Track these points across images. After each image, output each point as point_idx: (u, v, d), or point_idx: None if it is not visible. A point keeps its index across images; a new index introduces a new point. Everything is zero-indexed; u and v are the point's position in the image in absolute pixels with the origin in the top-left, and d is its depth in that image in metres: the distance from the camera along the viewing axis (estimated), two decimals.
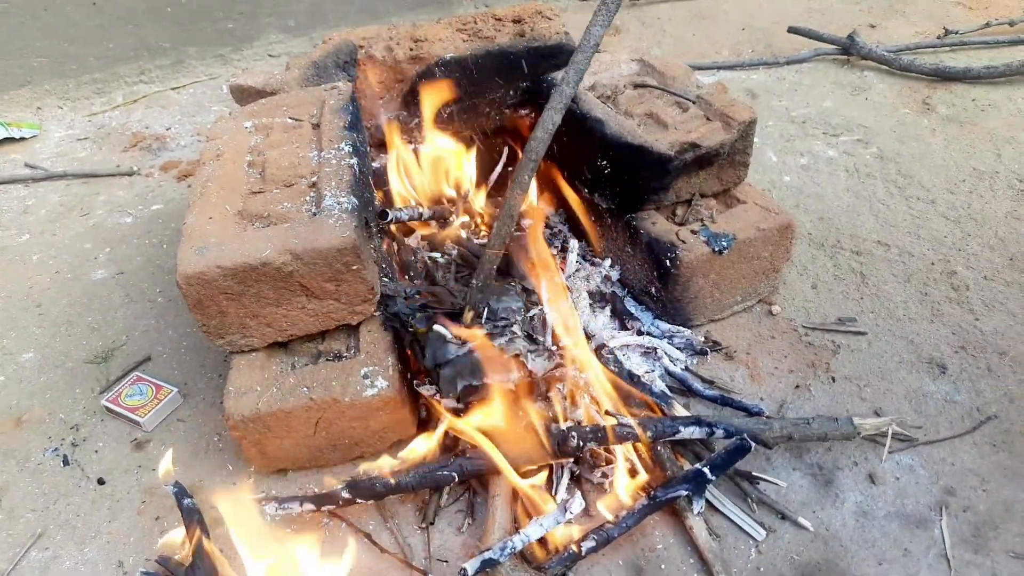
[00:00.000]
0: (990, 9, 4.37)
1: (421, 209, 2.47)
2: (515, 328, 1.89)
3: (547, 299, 1.96)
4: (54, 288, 2.68)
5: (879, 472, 1.87)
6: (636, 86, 2.36)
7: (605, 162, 2.20)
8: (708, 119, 2.17)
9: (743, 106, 2.16)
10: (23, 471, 2.04)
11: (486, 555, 1.62)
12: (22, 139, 3.70)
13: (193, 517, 1.75)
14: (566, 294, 2.04)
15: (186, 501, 1.76)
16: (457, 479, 1.80)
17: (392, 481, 1.76)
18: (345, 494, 1.76)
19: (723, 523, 1.79)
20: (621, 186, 2.21)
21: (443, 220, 2.53)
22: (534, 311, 1.96)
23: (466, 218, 2.52)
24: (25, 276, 2.76)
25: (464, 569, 1.59)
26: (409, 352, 1.97)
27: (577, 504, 1.71)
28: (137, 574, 1.75)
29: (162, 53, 4.11)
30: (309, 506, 1.78)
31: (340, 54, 2.53)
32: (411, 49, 2.49)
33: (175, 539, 1.77)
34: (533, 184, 2.31)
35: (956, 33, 4.02)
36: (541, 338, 1.92)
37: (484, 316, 1.90)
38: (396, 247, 2.38)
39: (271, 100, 2.36)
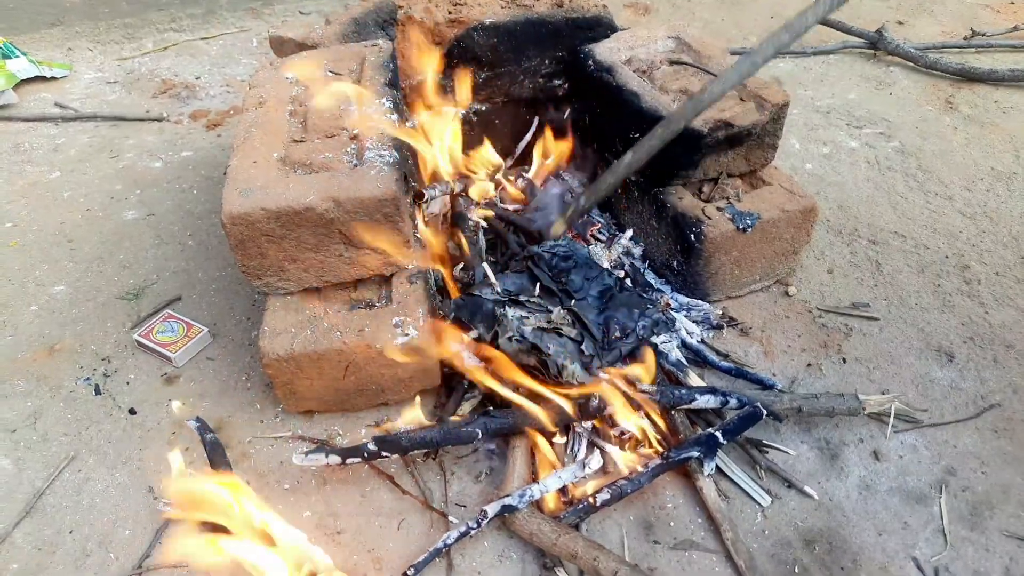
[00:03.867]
0: (1018, 13, 4.39)
1: (452, 184, 2.51)
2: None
3: None
4: (85, 225, 2.74)
5: (883, 449, 1.94)
6: (672, 62, 2.40)
7: (637, 135, 2.24)
8: (742, 99, 2.21)
9: (777, 89, 2.20)
10: (56, 397, 2.10)
11: (506, 501, 1.69)
12: (52, 78, 3.73)
13: (216, 450, 1.81)
14: None
15: (208, 436, 1.82)
16: (481, 436, 1.85)
17: (418, 436, 1.82)
18: (371, 447, 1.78)
19: (731, 488, 1.86)
20: (651, 160, 2.25)
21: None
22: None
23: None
24: (56, 212, 2.81)
25: (484, 511, 1.67)
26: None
27: (596, 461, 1.78)
28: (160, 505, 1.82)
29: (193, 2, 4.14)
30: (335, 458, 1.78)
31: (380, 13, 2.56)
32: (450, 12, 2.52)
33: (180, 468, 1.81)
34: None
35: (983, 35, 4.05)
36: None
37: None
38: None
39: (311, 53, 2.39)
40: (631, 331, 1.93)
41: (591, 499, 1.73)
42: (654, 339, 2.06)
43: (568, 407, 1.81)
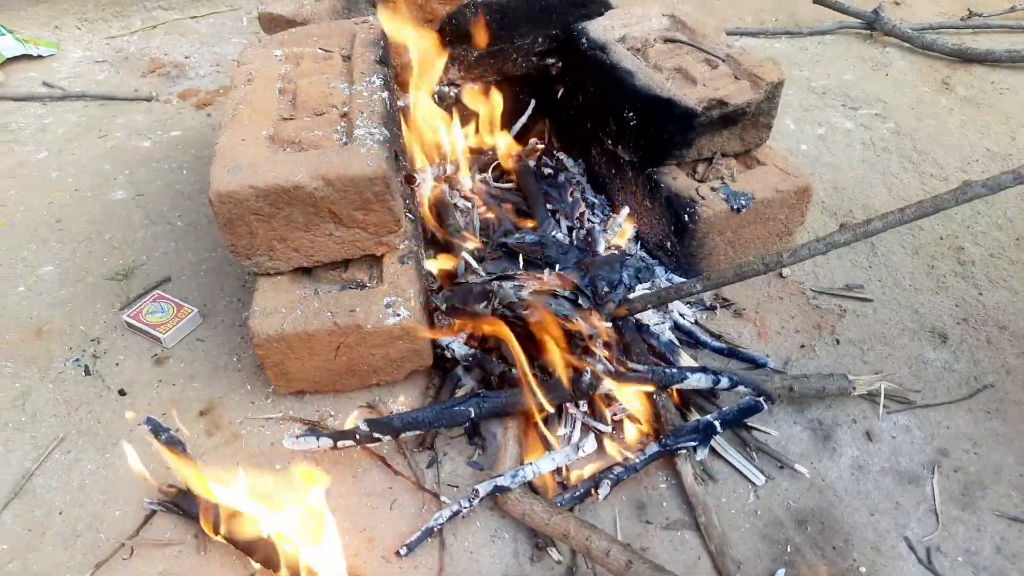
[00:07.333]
0: None
1: (444, 167, 2.50)
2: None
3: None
4: (73, 205, 2.70)
5: (876, 430, 1.94)
6: (666, 40, 2.37)
7: (632, 113, 2.22)
8: (736, 78, 2.19)
9: (772, 67, 2.18)
10: (44, 378, 2.08)
11: (498, 481, 1.68)
12: (39, 57, 3.68)
13: (176, 448, 1.67)
14: None
15: (164, 436, 1.68)
16: (474, 416, 1.84)
17: (410, 417, 1.80)
18: (364, 428, 1.76)
19: (724, 468, 1.85)
20: (645, 139, 2.24)
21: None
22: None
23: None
24: (44, 192, 2.77)
25: (476, 490, 1.66)
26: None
27: (590, 444, 1.78)
28: (144, 503, 1.77)
29: None
30: (327, 441, 1.76)
31: None
32: None
33: (140, 469, 1.73)
34: None
35: (980, 16, 4.02)
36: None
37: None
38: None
39: (301, 30, 2.36)
40: (618, 282, 1.94)
41: (593, 492, 1.72)
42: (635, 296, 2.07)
43: (563, 379, 1.81)
